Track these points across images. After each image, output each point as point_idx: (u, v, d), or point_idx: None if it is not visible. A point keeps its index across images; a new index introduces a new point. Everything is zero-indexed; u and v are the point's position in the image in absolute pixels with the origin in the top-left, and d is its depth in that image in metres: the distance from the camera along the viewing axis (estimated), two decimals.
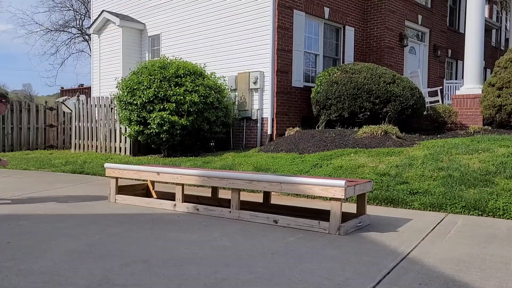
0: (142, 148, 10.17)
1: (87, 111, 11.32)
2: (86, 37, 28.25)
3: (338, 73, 9.27)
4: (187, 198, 5.07)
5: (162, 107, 8.61)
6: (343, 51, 11.42)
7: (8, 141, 12.28)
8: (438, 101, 11.89)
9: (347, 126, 9.02)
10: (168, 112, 8.54)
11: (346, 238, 3.68)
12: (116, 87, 9.40)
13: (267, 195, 4.82)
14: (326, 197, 4.91)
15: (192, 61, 10.12)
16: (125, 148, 10.19)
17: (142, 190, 5.61)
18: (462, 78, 11.15)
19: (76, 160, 9.24)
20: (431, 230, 3.96)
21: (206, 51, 10.76)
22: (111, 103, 10.62)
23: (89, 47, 21.92)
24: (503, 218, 4.50)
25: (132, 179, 6.01)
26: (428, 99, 11.49)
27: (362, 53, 11.99)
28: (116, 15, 12.38)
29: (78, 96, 14.67)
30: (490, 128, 8.60)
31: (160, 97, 8.64)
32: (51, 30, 28.71)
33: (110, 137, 10.66)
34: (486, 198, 4.74)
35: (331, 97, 9.04)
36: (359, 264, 2.98)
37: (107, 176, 5.31)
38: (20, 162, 9.42)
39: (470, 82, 9.86)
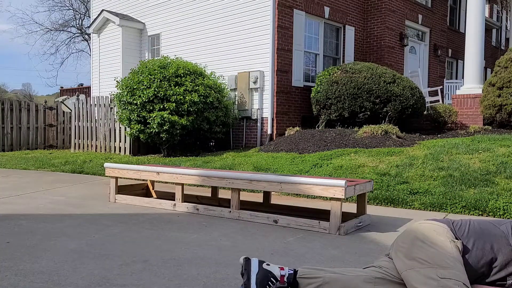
0: (141, 147, 10.16)
1: (87, 111, 11.31)
2: (86, 36, 28.24)
3: (338, 73, 9.26)
4: (187, 198, 5.06)
5: (162, 106, 8.60)
6: (343, 51, 11.41)
7: (8, 141, 12.27)
8: (438, 100, 11.88)
9: (347, 126, 9.01)
10: (168, 112, 8.54)
11: (346, 238, 3.68)
12: (116, 86, 9.39)
13: (267, 195, 4.81)
14: (326, 197, 4.90)
15: (192, 60, 10.11)
16: (125, 147, 10.18)
17: (142, 190, 5.60)
18: (463, 77, 11.15)
19: (75, 160, 9.23)
20: None
21: (206, 50, 10.75)
22: (110, 102, 10.61)
23: (89, 47, 21.91)
24: (503, 218, 4.49)
25: (132, 179, 6.00)
26: (428, 98, 11.48)
27: (362, 52, 11.98)
28: (116, 14, 12.37)
29: (77, 96, 14.66)
30: (490, 128, 8.59)
31: (160, 96, 8.63)
32: (51, 30, 28.71)
33: (110, 137, 10.65)
34: (486, 198, 4.73)
35: (331, 96, 9.03)
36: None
37: (106, 176, 5.30)
38: (19, 161, 9.41)
39: (470, 81, 9.85)
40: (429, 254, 1.90)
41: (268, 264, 2.21)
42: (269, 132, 9.56)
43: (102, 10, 12.68)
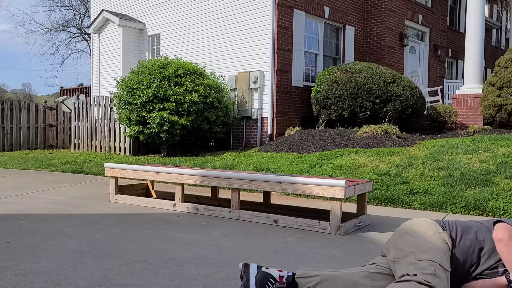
0: (141, 147, 10.16)
1: (87, 111, 11.31)
2: (86, 36, 28.24)
3: (338, 73, 9.26)
4: (187, 198, 5.06)
5: (162, 106, 8.60)
6: (343, 51, 11.41)
7: (8, 141, 12.27)
8: (438, 100, 11.88)
9: (347, 126, 9.01)
10: (168, 112, 8.53)
11: (346, 238, 3.68)
12: (116, 86, 9.40)
13: (267, 195, 4.81)
14: (326, 197, 4.89)
15: (192, 60, 10.11)
16: (125, 147, 10.18)
17: (142, 190, 5.60)
18: (463, 77, 11.15)
19: (75, 160, 9.23)
20: None
21: (206, 50, 10.75)
22: (110, 102, 10.61)
23: (89, 47, 21.91)
24: (503, 218, 4.49)
25: (131, 179, 6.00)
26: (428, 98, 11.48)
27: (362, 52, 11.98)
28: (116, 14, 12.37)
29: (77, 96, 14.67)
30: (490, 128, 8.59)
31: (160, 96, 8.63)
32: (51, 30, 28.71)
33: (110, 137, 10.65)
34: (486, 198, 4.73)
35: (331, 96, 9.03)
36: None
37: (106, 176, 5.30)
38: (19, 161, 9.41)
39: (470, 81, 9.85)
40: (412, 243, 2.10)
41: (267, 268, 2.27)
42: (269, 132, 9.56)
43: (102, 10, 12.68)
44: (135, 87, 8.81)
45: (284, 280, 2.22)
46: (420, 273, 1.92)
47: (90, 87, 14.87)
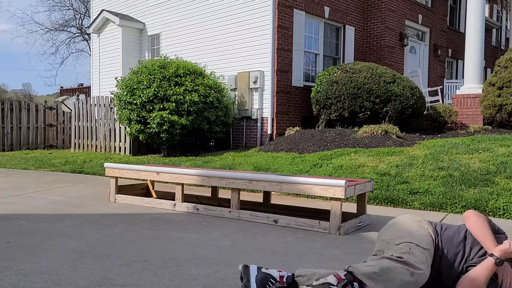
0: (142, 147, 10.16)
1: (87, 111, 11.31)
2: (86, 36, 28.24)
3: (338, 73, 9.26)
4: (187, 198, 5.06)
5: (162, 106, 8.60)
6: (343, 51, 11.41)
7: (8, 141, 12.27)
8: (438, 100, 11.88)
9: (347, 126, 9.01)
10: (168, 112, 8.54)
11: (346, 238, 3.68)
12: (116, 86, 9.40)
13: (267, 195, 4.81)
14: (326, 197, 4.89)
15: (192, 60, 10.11)
16: (125, 147, 10.18)
17: (142, 190, 5.60)
18: (463, 77, 11.15)
19: (75, 160, 9.23)
20: None
21: (206, 50, 10.75)
22: (110, 102, 10.61)
23: (89, 47, 21.91)
24: (503, 218, 4.49)
25: (132, 179, 6.00)
26: (428, 98, 11.47)
27: (362, 52, 11.98)
28: (116, 14, 12.37)
29: (77, 96, 14.67)
30: (490, 127, 8.59)
31: (160, 96, 8.63)
32: (51, 30, 28.71)
33: (110, 137, 10.65)
34: (486, 198, 4.73)
35: (331, 96, 9.03)
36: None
37: (106, 176, 5.30)
38: (19, 161, 9.41)
39: (470, 81, 9.85)
40: (393, 233, 2.31)
41: (266, 268, 2.33)
42: (269, 132, 9.56)
43: (102, 10, 12.68)
44: (135, 87, 8.81)
45: (284, 280, 2.27)
46: (396, 253, 2.13)
47: (90, 87, 14.87)
